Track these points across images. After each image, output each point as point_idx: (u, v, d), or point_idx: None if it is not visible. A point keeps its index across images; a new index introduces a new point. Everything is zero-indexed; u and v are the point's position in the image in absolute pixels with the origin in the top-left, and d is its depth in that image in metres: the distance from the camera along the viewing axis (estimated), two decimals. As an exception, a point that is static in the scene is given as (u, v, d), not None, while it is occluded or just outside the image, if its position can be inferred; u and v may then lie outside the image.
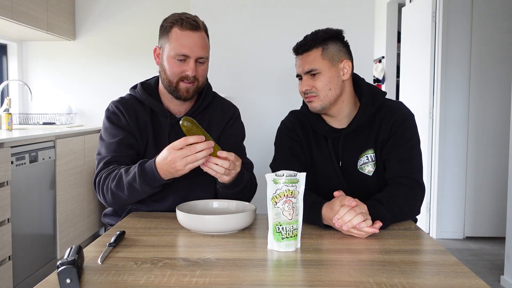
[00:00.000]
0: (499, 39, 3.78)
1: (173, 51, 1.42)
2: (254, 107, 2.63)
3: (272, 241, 1.09)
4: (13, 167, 2.52)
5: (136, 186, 1.33)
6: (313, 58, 1.43)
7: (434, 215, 3.88)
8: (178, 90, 1.45)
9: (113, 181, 1.38)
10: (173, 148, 1.25)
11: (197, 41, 1.42)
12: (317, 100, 1.45)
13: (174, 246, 1.15)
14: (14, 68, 3.91)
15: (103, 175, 1.42)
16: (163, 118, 1.53)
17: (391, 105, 1.51)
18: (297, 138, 1.55)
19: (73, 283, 0.84)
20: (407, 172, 1.41)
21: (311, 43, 1.43)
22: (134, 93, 1.55)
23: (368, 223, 1.17)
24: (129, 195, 1.36)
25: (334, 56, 1.44)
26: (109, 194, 1.40)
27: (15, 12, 3.04)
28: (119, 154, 1.46)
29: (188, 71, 1.42)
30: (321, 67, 1.43)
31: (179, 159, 1.24)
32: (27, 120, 3.70)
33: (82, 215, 3.39)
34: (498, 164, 3.78)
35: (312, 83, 1.44)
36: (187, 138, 1.25)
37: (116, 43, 3.93)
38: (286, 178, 1.08)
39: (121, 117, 1.51)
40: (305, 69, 1.44)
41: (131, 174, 1.34)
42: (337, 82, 1.45)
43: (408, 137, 1.45)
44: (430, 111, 3.90)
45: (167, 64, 1.44)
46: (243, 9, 2.63)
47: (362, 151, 1.49)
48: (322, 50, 1.43)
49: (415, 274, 0.93)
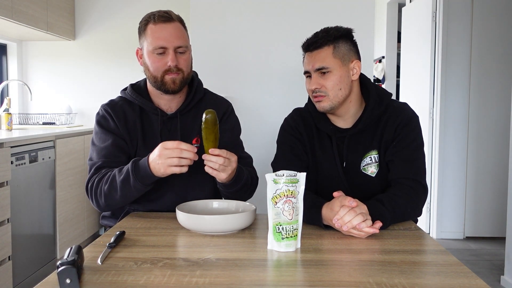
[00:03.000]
0: (499, 39, 3.78)
1: (151, 46, 1.43)
2: (254, 106, 2.63)
3: (272, 241, 1.09)
4: (13, 167, 2.52)
5: (129, 183, 1.33)
6: (324, 55, 1.41)
7: (434, 215, 3.88)
8: (165, 83, 1.46)
9: (106, 183, 1.38)
10: (164, 146, 1.28)
11: (172, 31, 1.43)
12: (327, 100, 1.43)
13: (174, 246, 1.14)
14: (14, 68, 3.91)
15: (95, 180, 1.42)
16: (154, 116, 1.53)
17: (397, 106, 1.50)
18: (299, 137, 1.53)
19: (73, 283, 0.84)
20: (410, 174, 1.40)
21: (322, 40, 1.41)
22: (124, 95, 1.55)
23: (368, 223, 1.16)
24: (122, 195, 1.37)
25: (345, 55, 1.42)
26: (102, 197, 1.40)
27: (15, 12, 3.04)
28: (109, 159, 1.46)
29: (169, 62, 1.43)
30: (332, 65, 1.40)
31: (164, 157, 1.27)
32: (27, 120, 3.69)
33: (82, 215, 3.39)
34: (498, 164, 3.78)
35: (322, 82, 1.42)
36: (180, 142, 1.27)
37: (116, 43, 3.93)
38: (286, 178, 1.07)
39: (110, 121, 1.51)
40: (315, 66, 1.41)
41: (124, 172, 1.35)
42: (347, 82, 1.44)
43: (412, 138, 1.45)
44: (430, 111, 3.90)
45: (148, 60, 1.46)
46: (243, 8, 2.63)
47: (366, 151, 1.48)
48: (334, 48, 1.41)
49: (415, 274, 0.93)
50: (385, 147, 1.46)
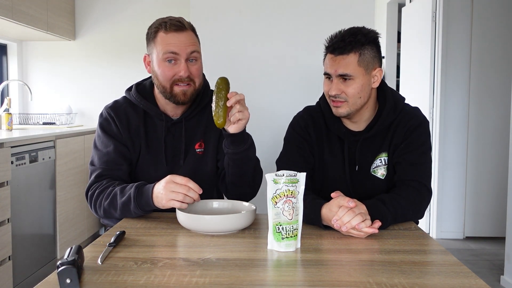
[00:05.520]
0: (499, 39, 3.78)
1: (161, 52, 1.38)
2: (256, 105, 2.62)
3: (272, 241, 1.09)
4: (13, 167, 2.52)
5: (129, 207, 1.33)
6: (349, 62, 1.36)
7: (434, 215, 3.88)
8: (174, 95, 1.42)
9: (107, 199, 1.37)
10: (173, 179, 1.25)
11: (184, 39, 1.38)
12: (345, 106, 1.40)
13: (174, 246, 1.15)
14: (14, 68, 3.91)
15: (96, 190, 1.41)
16: (159, 121, 1.50)
17: (408, 110, 1.49)
18: (307, 137, 1.51)
19: (73, 283, 0.84)
20: (417, 176, 1.40)
21: (349, 47, 1.35)
22: (129, 96, 1.52)
23: (367, 223, 1.16)
24: (121, 214, 1.36)
25: (369, 63, 1.38)
26: (101, 210, 1.40)
27: (15, 12, 3.04)
28: (110, 167, 1.45)
29: (181, 72, 1.38)
30: (355, 73, 1.36)
31: (169, 190, 1.24)
32: (27, 120, 3.70)
33: (82, 215, 3.39)
34: (498, 164, 3.78)
35: (343, 88, 1.38)
36: (189, 180, 1.24)
37: (116, 43, 3.93)
38: (286, 178, 1.07)
39: (113, 125, 1.48)
40: (338, 72, 1.37)
41: (126, 195, 1.33)
42: (368, 90, 1.41)
43: (421, 142, 1.44)
44: (430, 111, 3.90)
45: (158, 69, 1.41)
46: (243, 8, 2.63)
47: (376, 154, 1.47)
48: (359, 55, 1.36)
49: (415, 274, 0.93)
50: (394, 150, 1.46)
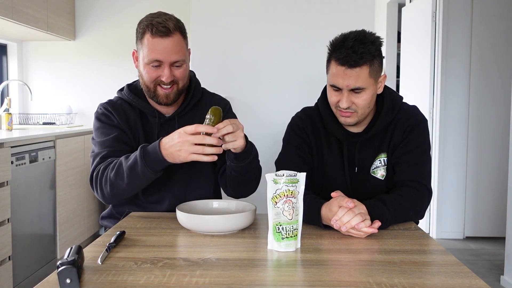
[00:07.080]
0: (499, 39, 3.78)
1: (146, 58, 1.40)
2: (254, 106, 2.63)
3: (272, 241, 1.09)
4: (13, 167, 2.52)
5: (137, 170, 1.29)
6: (361, 75, 1.32)
7: (434, 215, 3.88)
8: (157, 95, 1.44)
9: (112, 170, 1.35)
10: (185, 131, 1.23)
11: (169, 47, 1.38)
12: (354, 116, 1.39)
13: (174, 246, 1.14)
14: (14, 68, 3.91)
15: (101, 167, 1.39)
16: (152, 118, 1.51)
17: (406, 109, 1.48)
18: (306, 138, 1.51)
19: (73, 283, 0.84)
20: (416, 176, 1.39)
21: (362, 60, 1.30)
22: (122, 95, 1.53)
23: (367, 223, 1.16)
24: (129, 183, 1.33)
25: (378, 72, 1.37)
26: (108, 186, 1.36)
27: (15, 12, 3.04)
28: (114, 149, 1.43)
29: (163, 77, 1.40)
30: (366, 85, 1.34)
31: (187, 144, 1.22)
32: (27, 120, 3.70)
33: (82, 215, 3.39)
34: (498, 164, 3.78)
35: (354, 100, 1.36)
36: (198, 125, 1.23)
37: (116, 43, 3.93)
38: (286, 178, 1.07)
39: (112, 117, 1.49)
40: (351, 87, 1.33)
41: (132, 158, 1.31)
42: (374, 97, 1.40)
43: (419, 142, 1.44)
44: (430, 111, 3.90)
45: (142, 69, 1.43)
46: (243, 8, 2.63)
47: (376, 155, 1.47)
48: (370, 67, 1.33)
49: (415, 274, 0.93)
50: (393, 150, 1.45)
